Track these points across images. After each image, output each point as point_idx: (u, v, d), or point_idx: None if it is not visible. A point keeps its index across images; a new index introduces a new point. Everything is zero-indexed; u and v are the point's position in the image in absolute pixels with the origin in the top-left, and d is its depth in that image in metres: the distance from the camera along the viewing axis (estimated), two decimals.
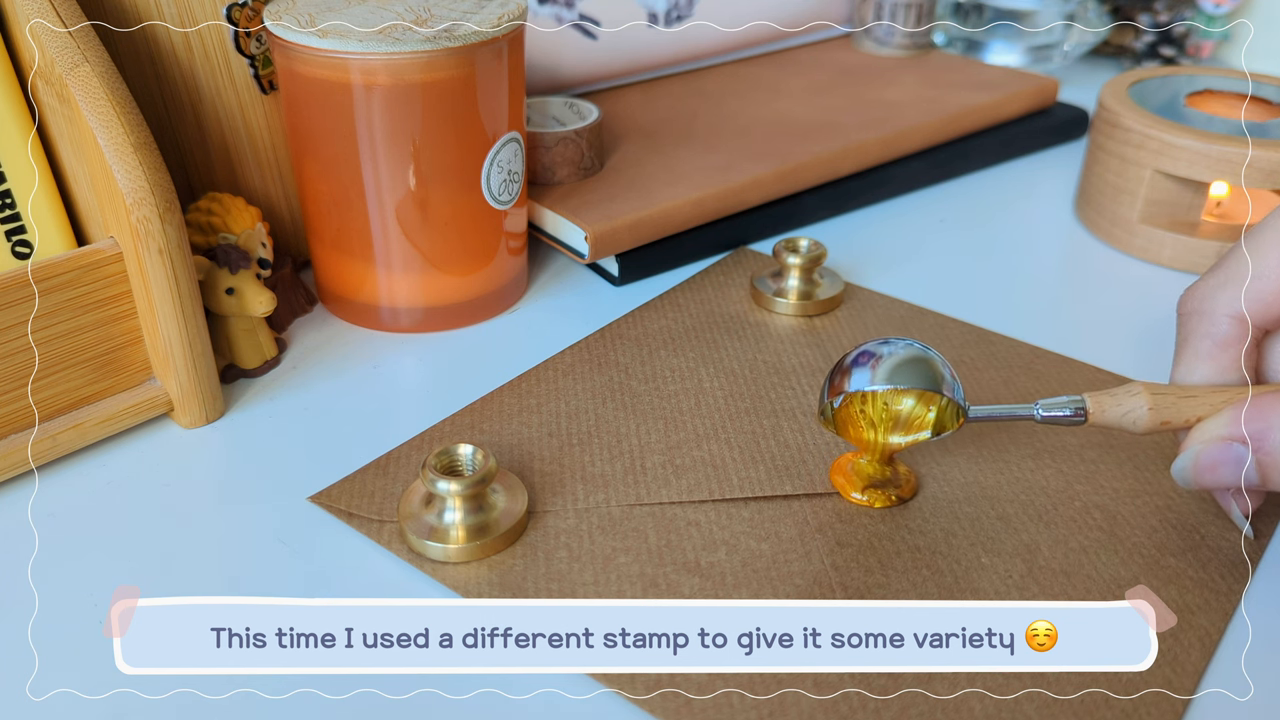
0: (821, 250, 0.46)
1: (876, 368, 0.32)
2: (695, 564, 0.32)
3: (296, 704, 0.28)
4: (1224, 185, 0.51)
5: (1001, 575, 0.32)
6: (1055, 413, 0.33)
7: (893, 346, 0.33)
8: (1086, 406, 0.32)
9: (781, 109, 0.60)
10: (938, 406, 0.33)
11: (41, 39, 0.35)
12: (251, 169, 0.45)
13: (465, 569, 0.32)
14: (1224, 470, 0.30)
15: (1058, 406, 0.33)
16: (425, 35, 0.38)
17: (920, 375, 0.32)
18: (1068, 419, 0.33)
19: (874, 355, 0.33)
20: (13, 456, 0.35)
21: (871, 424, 0.34)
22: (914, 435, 0.34)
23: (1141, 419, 0.32)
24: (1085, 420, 0.33)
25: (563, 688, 0.28)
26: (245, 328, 0.41)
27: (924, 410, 0.33)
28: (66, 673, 0.29)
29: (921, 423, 0.34)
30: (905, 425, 0.34)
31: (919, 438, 0.34)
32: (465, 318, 0.45)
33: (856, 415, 0.34)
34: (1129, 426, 0.32)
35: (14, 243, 0.38)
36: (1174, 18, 0.78)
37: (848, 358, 0.33)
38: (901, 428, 0.34)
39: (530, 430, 0.38)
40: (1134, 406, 0.32)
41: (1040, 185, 0.60)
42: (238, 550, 0.33)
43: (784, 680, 0.28)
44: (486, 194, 0.43)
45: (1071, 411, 0.33)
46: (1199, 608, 0.31)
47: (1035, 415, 0.33)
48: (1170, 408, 0.32)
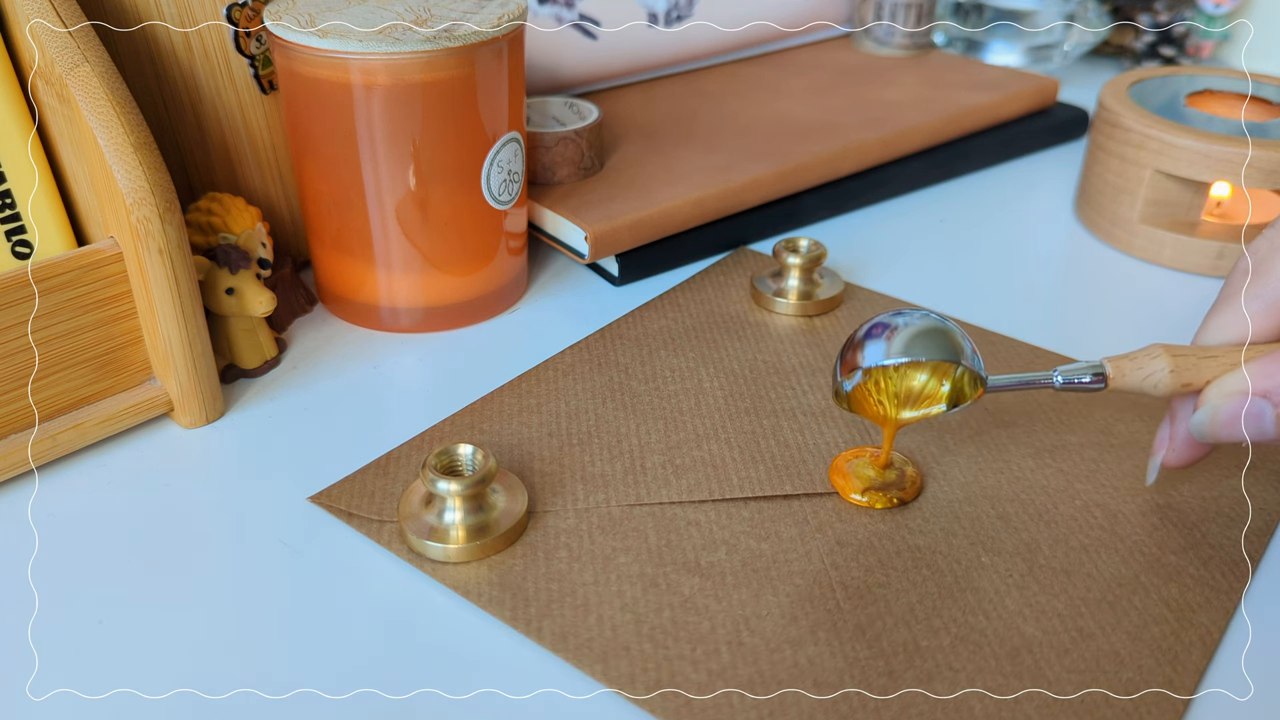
0: (821, 250, 0.46)
1: (892, 340, 0.31)
2: (695, 564, 0.32)
3: (296, 704, 0.28)
4: (1226, 185, 0.51)
5: (1002, 574, 0.32)
6: (1075, 379, 0.32)
7: (908, 317, 0.32)
8: (1106, 372, 0.31)
9: (781, 109, 0.60)
10: (952, 379, 0.32)
11: (41, 39, 0.35)
12: (251, 169, 0.45)
13: (465, 569, 0.32)
14: (1244, 424, 0.30)
15: (1077, 373, 0.32)
16: (425, 35, 0.38)
17: (939, 346, 0.31)
18: (1088, 385, 0.32)
19: (889, 327, 0.32)
20: (13, 456, 0.35)
21: (885, 400, 0.33)
22: (926, 409, 0.32)
23: (1163, 382, 0.31)
24: (1105, 386, 0.32)
25: (563, 688, 0.28)
26: (245, 328, 0.41)
27: (938, 384, 0.32)
28: (66, 673, 0.29)
29: (935, 397, 0.32)
30: (918, 400, 0.32)
31: (932, 411, 0.32)
32: (465, 318, 0.45)
33: (871, 390, 0.32)
34: (1150, 390, 0.31)
35: (14, 243, 0.38)
36: (1174, 18, 0.78)
37: (860, 330, 0.32)
38: (913, 402, 0.32)
39: (530, 430, 0.38)
40: (1155, 369, 0.31)
41: (1040, 185, 0.60)
42: (238, 550, 0.33)
43: (784, 680, 0.28)
44: (486, 194, 0.43)
45: (1091, 377, 0.32)
46: (1200, 606, 0.31)
47: (1054, 382, 0.32)
48: (1191, 369, 0.31)
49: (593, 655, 0.29)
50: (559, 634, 0.29)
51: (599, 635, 0.29)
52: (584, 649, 0.29)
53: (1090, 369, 0.32)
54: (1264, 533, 0.34)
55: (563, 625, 0.30)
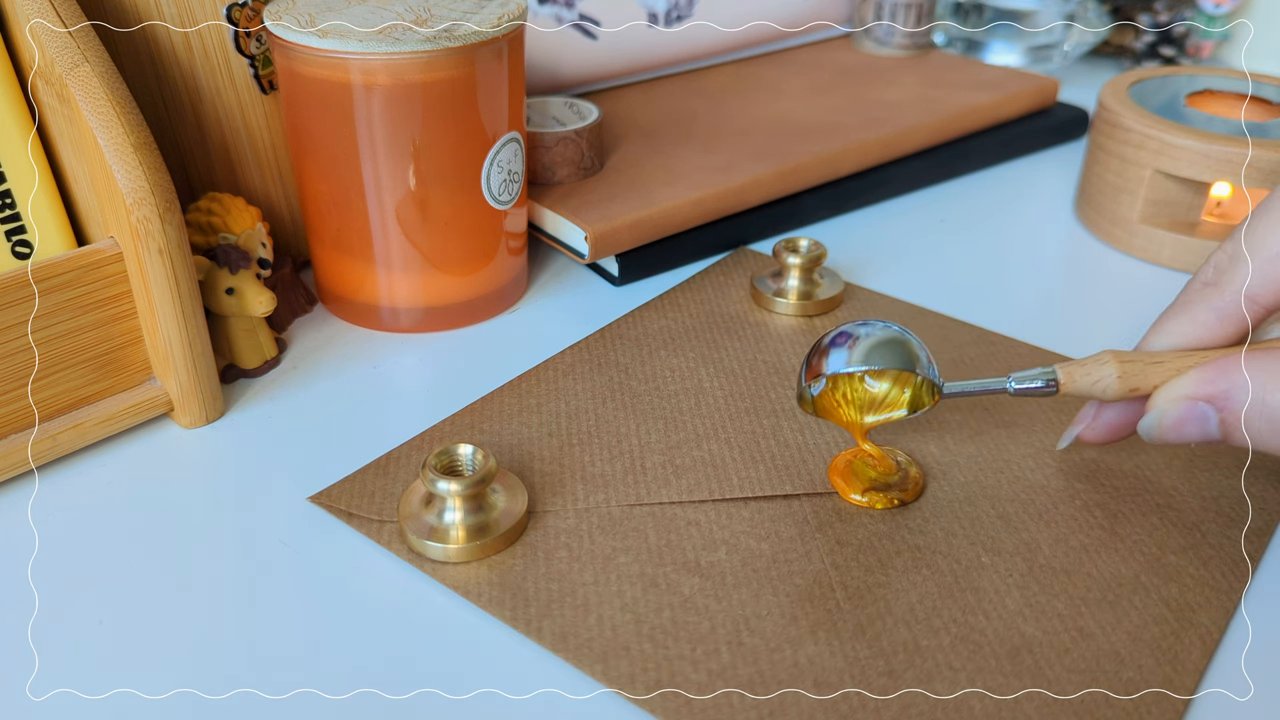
0: (821, 250, 0.46)
1: (854, 349, 0.33)
2: (695, 564, 0.32)
3: (296, 704, 0.28)
4: (1226, 185, 0.51)
5: (1002, 574, 0.32)
6: (1027, 384, 0.33)
7: (870, 328, 0.34)
8: (1058, 378, 0.33)
9: (781, 109, 0.60)
10: (913, 386, 0.34)
11: (41, 39, 0.35)
12: (251, 169, 0.45)
13: (465, 569, 0.32)
14: (1189, 427, 0.31)
15: (1029, 379, 0.33)
16: (425, 35, 0.38)
17: (896, 356, 0.33)
18: (1040, 390, 0.33)
19: (851, 336, 0.33)
20: (13, 456, 0.35)
21: (848, 403, 0.34)
22: (888, 414, 0.34)
23: (1111, 387, 0.32)
24: (1057, 391, 0.33)
25: (563, 688, 0.28)
26: (245, 328, 0.41)
27: (900, 392, 0.34)
28: (66, 673, 0.29)
29: (897, 403, 0.34)
30: (879, 406, 0.34)
31: (893, 416, 0.34)
32: (465, 318, 0.45)
33: (836, 396, 0.34)
34: (1100, 395, 0.33)
35: (14, 243, 0.38)
36: (1174, 18, 0.78)
37: (825, 338, 0.34)
38: (875, 408, 0.34)
39: (530, 430, 0.38)
40: (1103, 375, 0.32)
41: (1040, 185, 0.60)
42: (238, 550, 0.33)
43: (784, 680, 0.28)
44: (486, 194, 0.43)
45: (1044, 383, 0.33)
46: (1200, 606, 0.31)
47: (1009, 389, 0.34)
48: (1139, 375, 0.32)
49: (593, 655, 0.29)
50: (559, 634, 0.29)
51: (599, 635, 0.29)
52: (584, 649, 0.29)
53: (1042, 374, 0.33)
54: (1264, 533, 0.34)
55: (563, 625, 0.30)
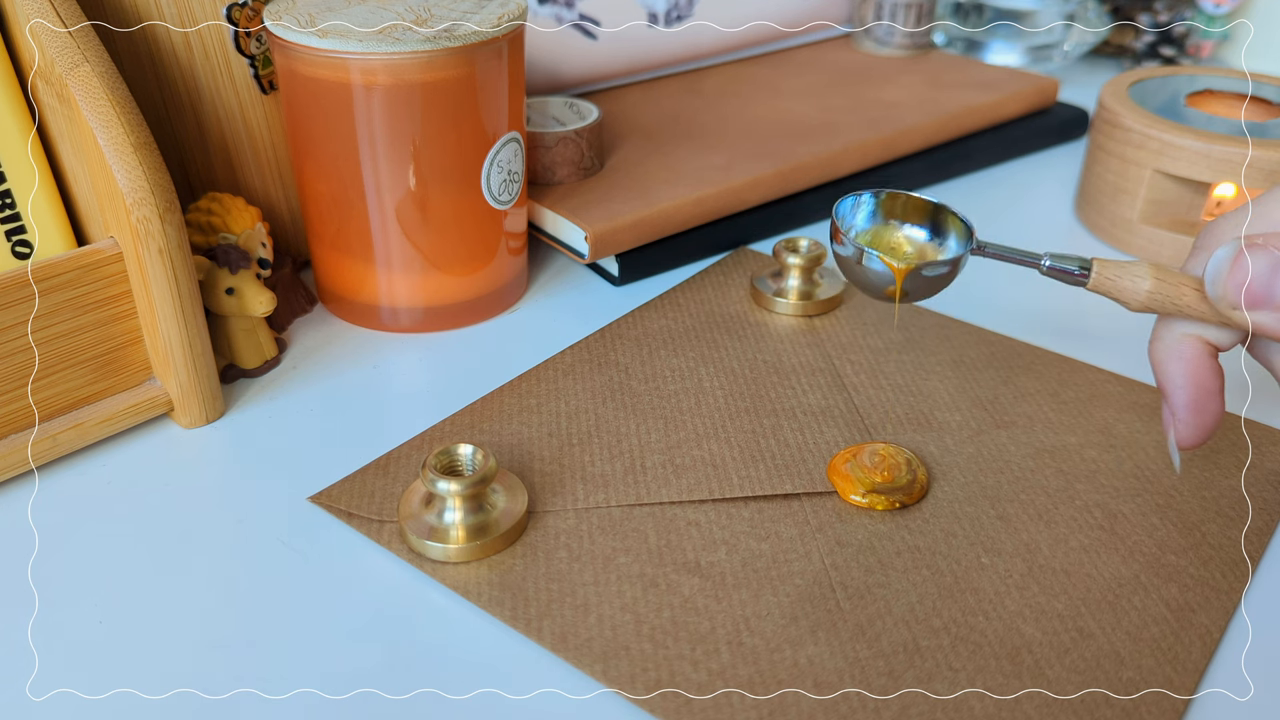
0: (821, 250, 0.46)
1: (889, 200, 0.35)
2: (695, 564, 0.32)
3: (296, 704, 0.28)
4: (1231, 187, 0.51)
5: (1001, 575, 0.32)
6: (1062, 266, 0.33)
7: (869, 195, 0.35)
8: (1092, 268, 0.33)
9: (781, 109, 0.60)
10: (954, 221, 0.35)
11: (41, 39, 0.35)
12: (251, 169, 0.45)
13: (465, 569, 0.32)
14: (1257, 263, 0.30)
15: (1066, 261, 0.33)
16: (425, 35, 0.38)
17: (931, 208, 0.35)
18: (1071, 275, 0.33)
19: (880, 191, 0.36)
20: (13, 456, 0.35)
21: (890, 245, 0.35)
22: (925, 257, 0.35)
23: (1139, 294, 0.32)
24: (1087, 281, 0.33)
25: (563, 688, 0.28)
26: (245, 328, 0.41)
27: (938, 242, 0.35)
28: (66, 673, 0.29)
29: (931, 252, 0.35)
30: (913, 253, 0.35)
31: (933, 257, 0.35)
32: (465, 318, 0.45)
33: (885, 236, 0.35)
34: (1124, 299, 0.33)
35: (14, 243, 0.38)
36: (1174, 18, 0.78)
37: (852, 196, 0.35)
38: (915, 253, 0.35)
39: (530, 430, 0.38)
40: (1137, 279, 0.32)
41: (1040, 185, 0.60)
42: (238, 550, 0.33)
43: (784, 680, 0.28)
44: (486, 194, 0.43)
45: (1077, 269, 0.33)
46: (1199, 606, 0.31)
47: (1043, 264, 0.34)
48: (1169, 290, 0.32)
49: (593, 655, 0.29)
50: (559, 634, 0.29)
51: (599, 635, 0.29)
52: (584, 649, 0.29)
53: (1078, 261, 0.33)
54: (1264, 533, 0.34)
55: (563, 625, 0.30)
